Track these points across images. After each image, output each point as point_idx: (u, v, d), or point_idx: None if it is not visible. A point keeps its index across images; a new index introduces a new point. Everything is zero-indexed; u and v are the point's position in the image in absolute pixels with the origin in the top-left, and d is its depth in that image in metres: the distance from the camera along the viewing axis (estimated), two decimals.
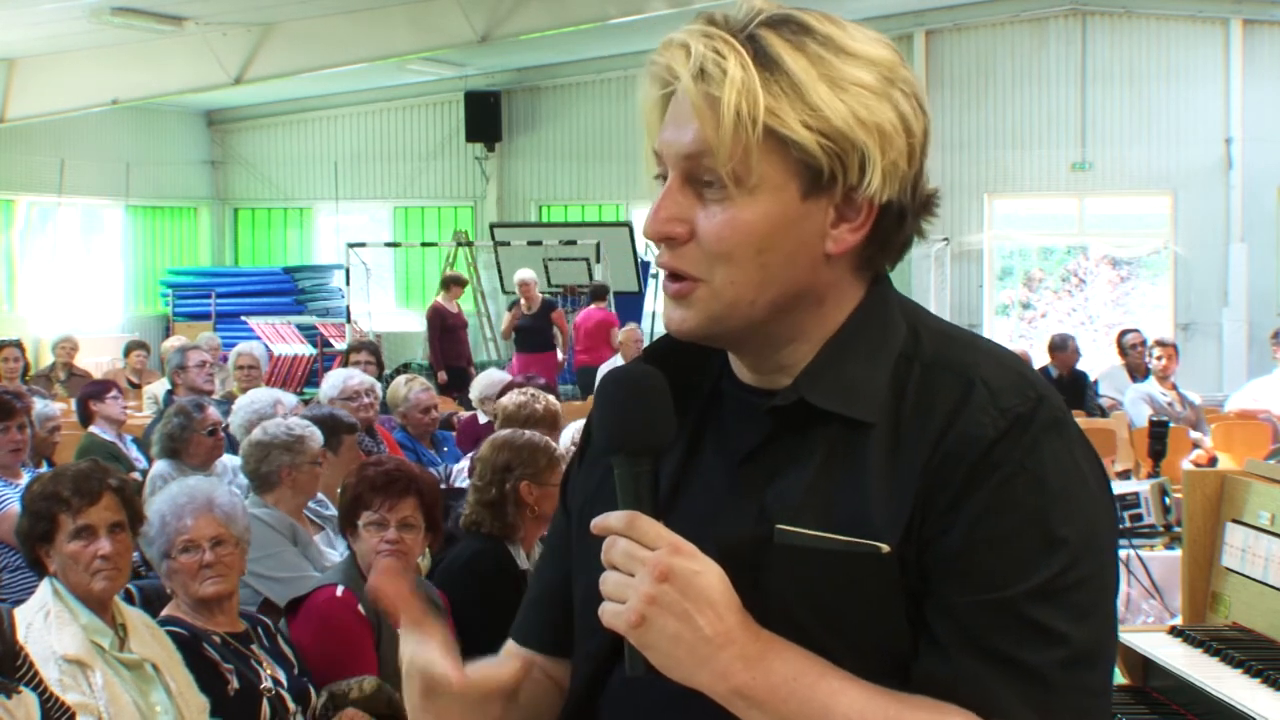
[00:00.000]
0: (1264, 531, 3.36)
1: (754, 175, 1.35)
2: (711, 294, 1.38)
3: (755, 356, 1.45)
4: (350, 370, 7.90)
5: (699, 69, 1.34)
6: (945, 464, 1.33)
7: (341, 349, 14.09)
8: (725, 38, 1.35)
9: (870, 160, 1.35)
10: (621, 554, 1.32)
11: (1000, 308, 18.54)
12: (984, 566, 1.31)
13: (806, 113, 1.33)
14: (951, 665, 1.31)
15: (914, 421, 1.36)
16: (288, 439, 5.01)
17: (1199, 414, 9.96)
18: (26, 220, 18.00)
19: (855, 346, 1.41)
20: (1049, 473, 1.33)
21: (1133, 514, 5.76)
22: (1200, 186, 17.20)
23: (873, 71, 1.36)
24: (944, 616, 1.32)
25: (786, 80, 1.34)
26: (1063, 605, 1.31)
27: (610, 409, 1.41)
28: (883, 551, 1.33)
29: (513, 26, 14.89)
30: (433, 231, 19.53)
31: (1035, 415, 1.35)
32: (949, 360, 1.39)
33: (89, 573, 3.51)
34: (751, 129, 1.33)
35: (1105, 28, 17.54)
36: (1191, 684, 3.14)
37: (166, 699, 3.49)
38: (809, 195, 1.36)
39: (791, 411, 1.39)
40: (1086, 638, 1.32)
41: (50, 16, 13.76)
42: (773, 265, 1.37)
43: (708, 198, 1.37)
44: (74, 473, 3.67)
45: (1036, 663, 1.30)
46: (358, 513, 4.14)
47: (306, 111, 20.30)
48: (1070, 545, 1.32)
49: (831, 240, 1.38)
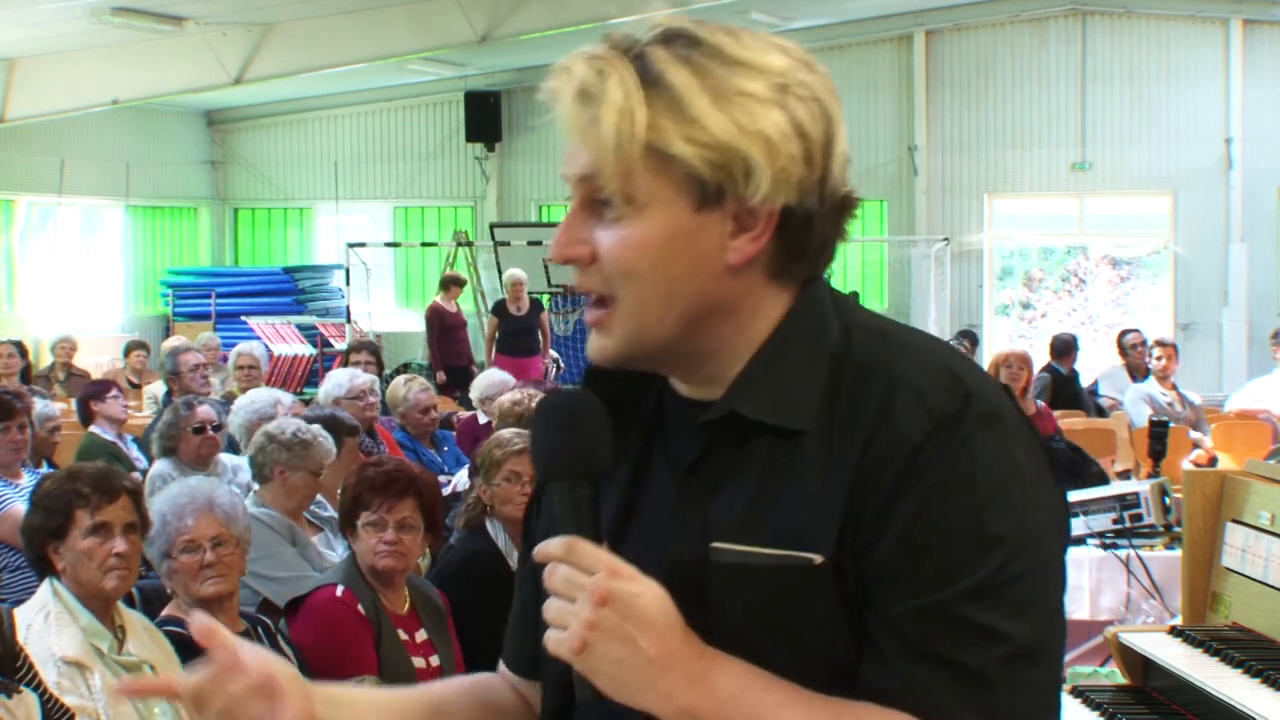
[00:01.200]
0: (1264, 531, 3.36)
1: (642, 193, 1.35)
2: (623, 315, 1.39)
3: (683, 373, 1.45)
4: (354, 370, 7.90)
5: (579, 91, 1.36)
6: (874, 469, 1.33)
7: (341, 349, 14.10)
8: (609, 58, 1.36)
9: (756, 169, 1.34)
10: (561, 580, 1.33)
11: (1000, 308, 18.54)
12: (918, 571, 1.31)
13: (687, 127, 1.34)
14: (893, 672, 1.31)
15: (845, 427, 1.35)
16: (289, 439, 5.00)
17: (1199, 414, 9.96)
18: (26, 220, 18.00)
19: (786, 353, 1.40)
20: (979, 470, 1.32)
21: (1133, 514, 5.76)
22: (1200, 186, 17.19)
23: (761, 79, 1.36)
24: (882, 624, 1.32)
25: (668, 95, 1.34)
26: (1000, 603, 1.30)
27: (545, 436, 1.41)
28: (815, 563, 1.33)
29: (513, 26, 14.89)
30: (433, 231, 19.53)
31: (963, 413, 1.33)
32: (878, 361, 1.38)
33: (102, 570, 3.52)
34: (632, 146, 1.34)
35: (1105, 28, 17.54)
36: (1191, 684, 3.14)
37: (165, 701, 3.49)
38: (701, 208, 1.36)
39: (725, 424, 1.39)
40: (1027, 634, 1.31)
41: (50, 16, 13.76)
42: (675, 280, 1.37)
43: (605, 218, 1.38)
44: (92, 471, 3.69)
45: (977, 663, 1.29)
46: (357, 513, 4.15)
47: (306, 111, 20.30)
48: (1006, 542, 1.31)
49: (732, 251, 1.38)
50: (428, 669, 4.16)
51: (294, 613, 4.14)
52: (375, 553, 4.11)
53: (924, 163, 17.93)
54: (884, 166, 18.16)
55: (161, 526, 3.77)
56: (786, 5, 16.02)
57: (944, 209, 17.98)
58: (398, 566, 4.17)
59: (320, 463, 5.04)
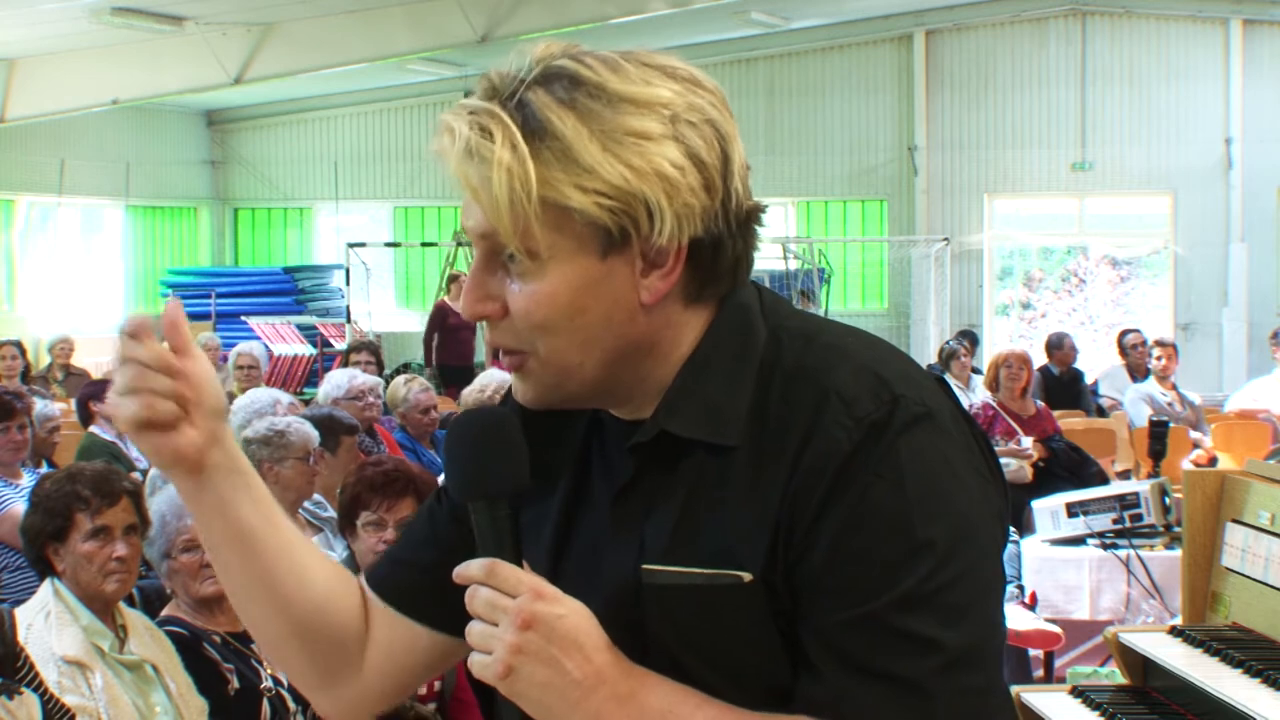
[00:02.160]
0: (1264, 531, 3.36)
1: (544, 247, 1.32)
2: (540, 364, 1.37)
3: (615, 403, 1.43)
4: (353, 370, 7.90)
5: (465, 150, 1.33)
6: (805, 483, 1.31)
7: (341, 349, 14.10)
8: (491, 111, 1.32)
9: (657, 209, 1.31)
10: (484, 603, 1.31)
11: (1000, 308, 18.54)
12: (848, 582, 1.29)
13: (580, 176, 1.30)
14: (827, 685, 1.29)
15: (775, 441, 1.33)
16: (267, 434, 5.00)
17: (1199, 414, 9.96)
18: (26, 220, 18.00)
19: (708, 369, 1.38)
20: (907, 475, 1.30)
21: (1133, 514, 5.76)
22: (1200, 186, 17.20)
23: (650, 115, 1.32)
24: (815, 637, 1.30)
25: (557, 145, 1.30)
26: (932, 610, 1.28)
27: (460, 455, 1.39)
28: (744, 580, 1.32)
29: (513, 26, 14.89)
30: (433, 231, 19.52)
31: (891, 419, 1.31)
32: (806, 369, 1.35)
33: (102, 574, 3.51)
34: (527, 203, 1.31)
35: (1105, 28, 17.54)
36: (1191, 684, 3.14)
37: (166, 700, 3.49)
38: (607, 254, 1.33)
39: (655, 444, 1.37)
40: (962, 640, 1.29)
41: (50, 16, 13.76)
42: (590, 327, 1.35)
43: (512, 271, 1.36)
44: (92, 473, 3.67)
45: (912, 673, 1.27)
46: (356, 512, 4.15)
47: (306, 111, 20.30)
48: (937, 546, 1.29)
49: (645, 290, 1.35)
50: None
51: None
52: (375, 552, 4.11)
53: (924, 163, 17.93)
54: (884, 166, 18.17)
55: (161, 527, 3.77)
56: (786, 5, 16.03)
57: (944, 209, 17.99)
58: None
59: (304, 448, 5.02)
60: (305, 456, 5.03)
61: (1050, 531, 5.95)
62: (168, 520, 3.78)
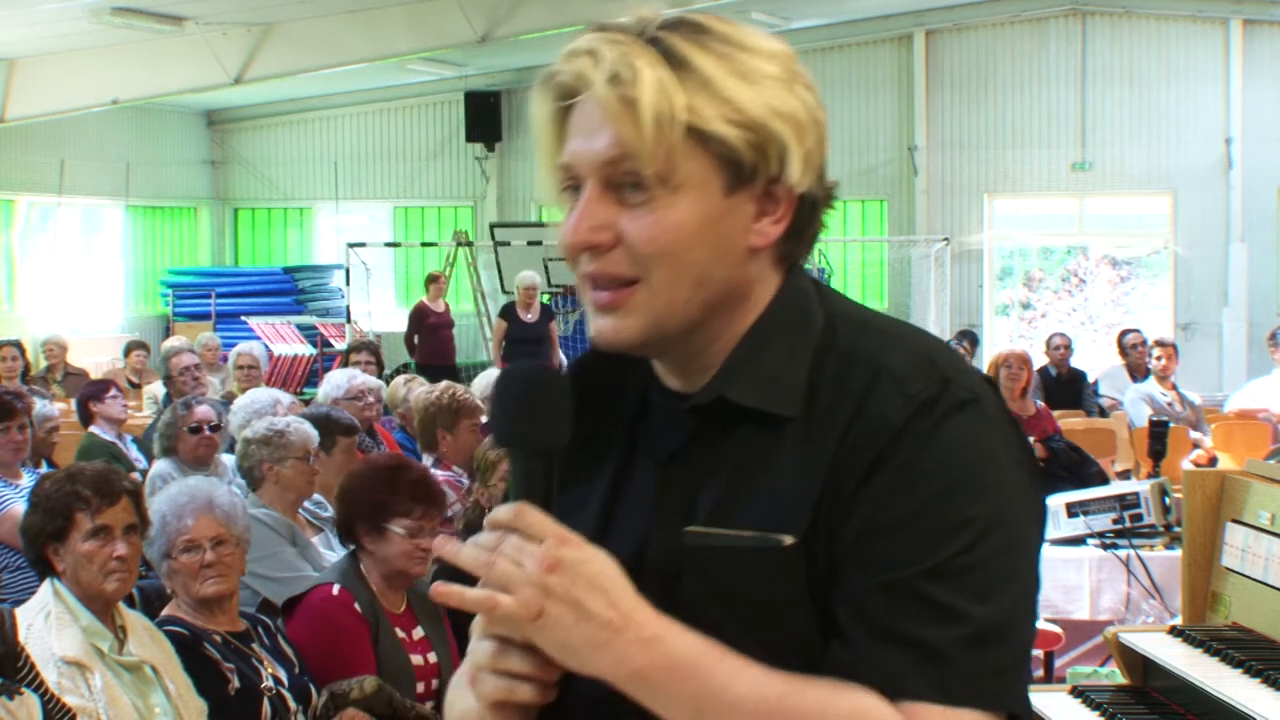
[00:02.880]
0: (1264, 531, 3.36)
1: (678, 174, 1.34)
2: (650, 295, 1.37)
3: (683, 361, 1.43)
4: (353, 370, 7.90)
5: (612, 73, 1.34)
6: (852, 454, 1.33)
7: (341, 349, 14.11)
8: (631, 41, 1.35)
9: (789, 150, 1.36)
10: (511, 547, 1.33)
11: (1000, 308, 18.54)
12: (885, 550, 1.30)
13: (724, 107, 1.34)
14: (855, 649, 1.30)
15: (827, 414, 1.35)
16: (267, 434, 5.00)
17: (1199, 414, 9.96)
18: (26, 220, 18.00)
19: (773, 339, 1.41)
20: (953, 453, 1.32)
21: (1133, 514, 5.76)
22: (1200, 186, 17.20)
23: (776, 64, 1.37)
24: (848, 602, 1.31)
25: (698, 77, 1.34)
26: (964, 584, 1.29)
27: (506, 404, 1.40)
28: (785, 544, 1.33)
29: (513, 26, 14.89)
30: (433, 231, 19.53)
31: (940, 398, 1.33)
32: (860, 351, 1.38)
33: (103, 574, 3.51)
34: (671, 126, 1.33)
35: (1105, 28, 17.54)
36: (1191, 684, 3.14)
37: (166, 701, 3.49)
38: (732, 190, 1.36)
39: (712, 411, 1.39)
40: (990, 616, 1.29)
41: (50, 16, 13.76)
42: (704, 262, 1.37)
43: (630, 202, 1.36)
44: (92, 473, 3.67)
45: (937, 641, 1.28)
46: (389, 517, 4.12)
47: (306, 111, 20.30)
48: (974, 524, 1.30)
49: (755, 234, 1.38)
50: (425, 666, 4.16)
51: (291, 612, 4.14)
52: (411, 558, 4.12)
53: (924, 163, 17.93)
54: (884, 166, 18.17)
55: (161, 527, 3.77)
56: (786, 5, 16.02)
57: (944, 209, 17.98)
58: (423, 573, 4.20)
59: (304, 448, 5.02)
60: (305, 456, 5.03)
61: (1050, 531, 5.93)
62: (168, 520, 3.78)
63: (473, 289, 17.70)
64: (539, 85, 1.42)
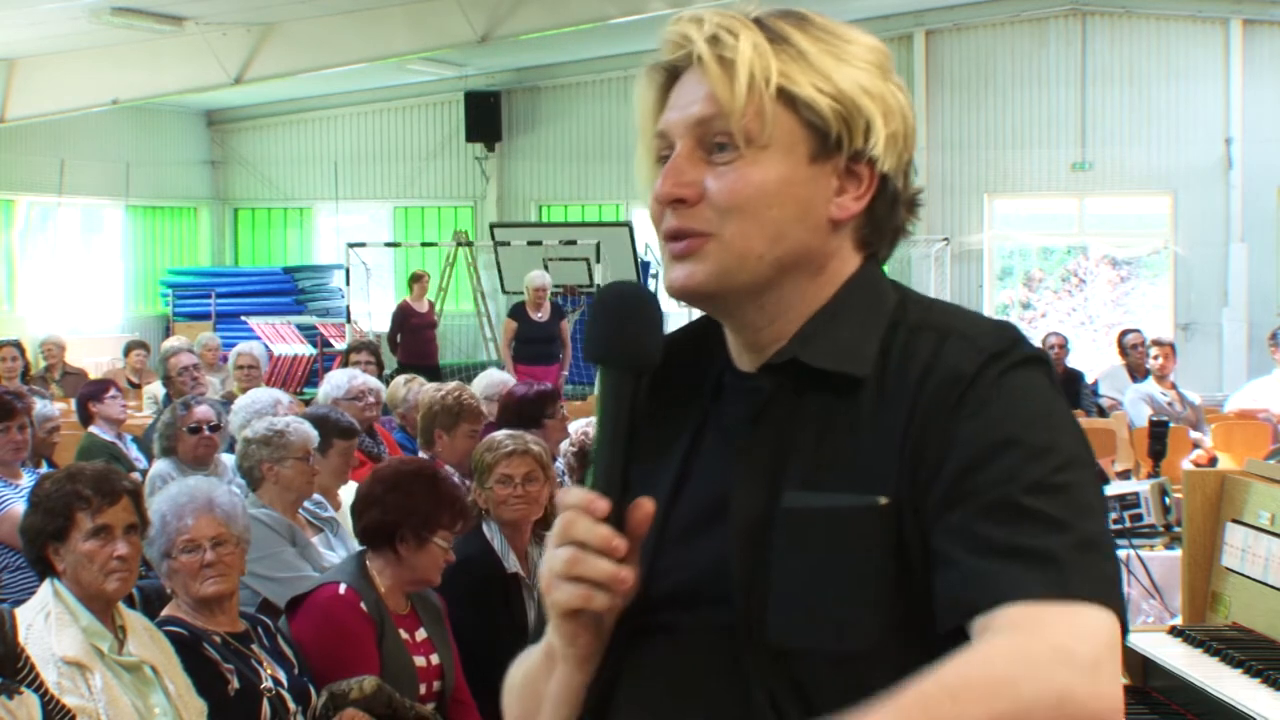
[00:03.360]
0: (1264, 531, 3.36)
1: (765, 134, 1.40)
2: (721, 246, 1.42)
3: (753, 331, 1.46)
4: (353, 370, 7.89)
5: (712, 36, 1.41)
6: (929, 408, 1.36)
7: (341, 349, 14.11)
8: (734, 14, 1.43)
9: (875, 127, 1.41)
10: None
11: (1000, 308, 18.54)
12: (979, 481, 1.32)
13: (816, 77, 1.40)
14: (963, 571, 1.30)
15: (899, 378, 1.39)
16: (265, 435, 5.00)
17: (1199, 414, 9.96)
18: (26, 220, 18.00)
19: (847, 312, 1.45)
20: (1029, 395, 1.36)
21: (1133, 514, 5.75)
22: (1200, 186, 17.20)
23: (872, 56, 1.44)
24: (949, 535, 1.32)
25: (794, 50, 1.41)
26: (1064, 500, 1.31)
27: (598, 323, 1.43)
28: (880, 504, 1.34)
29: (513, 26, 14.90)
30: (433, 231, 19.53)
31: (1011, 351, 1.38)
32: (931, 322, 1.43)
33: (104, 573, 3.51)
34: (765, 87, 1.39)
35: (1105, 28, 17.54)
36: (1191, 684, 3.14)
37: (165, 701, 3.49)
38: (816, 158, 1.42)
39: (785, 373, 1.42)
40: (1089, 528, 1.31)
41: (50, 16, 13.76)
42: (780, 222, 1.41)
43: (717, 161, 1.42)
44: (93, 472, 3.67)
45: (1049, 546, 1.29)
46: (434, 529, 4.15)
47: (306, 111, 20.30)
48: (1062, 450, 1.33)
49: (836, 206, 1.43)
50: (428, 668, 4.16)
51: (295, 610, 4.14)
52: (439, 569, 4.17)
53: (924, 163, 17.92)
54: None
55: (161, 526, 3.77)
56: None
57: (944, 209, 17.98)
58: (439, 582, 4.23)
59: (304, 448, 5.01)
60: (305, 456, 5.03)
61: None
62: (168, 520, 3.78)
63: (473, 289, 17.70)
64: (644, 70, 1.49)
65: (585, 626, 1.39)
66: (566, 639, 1.40)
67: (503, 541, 4.68)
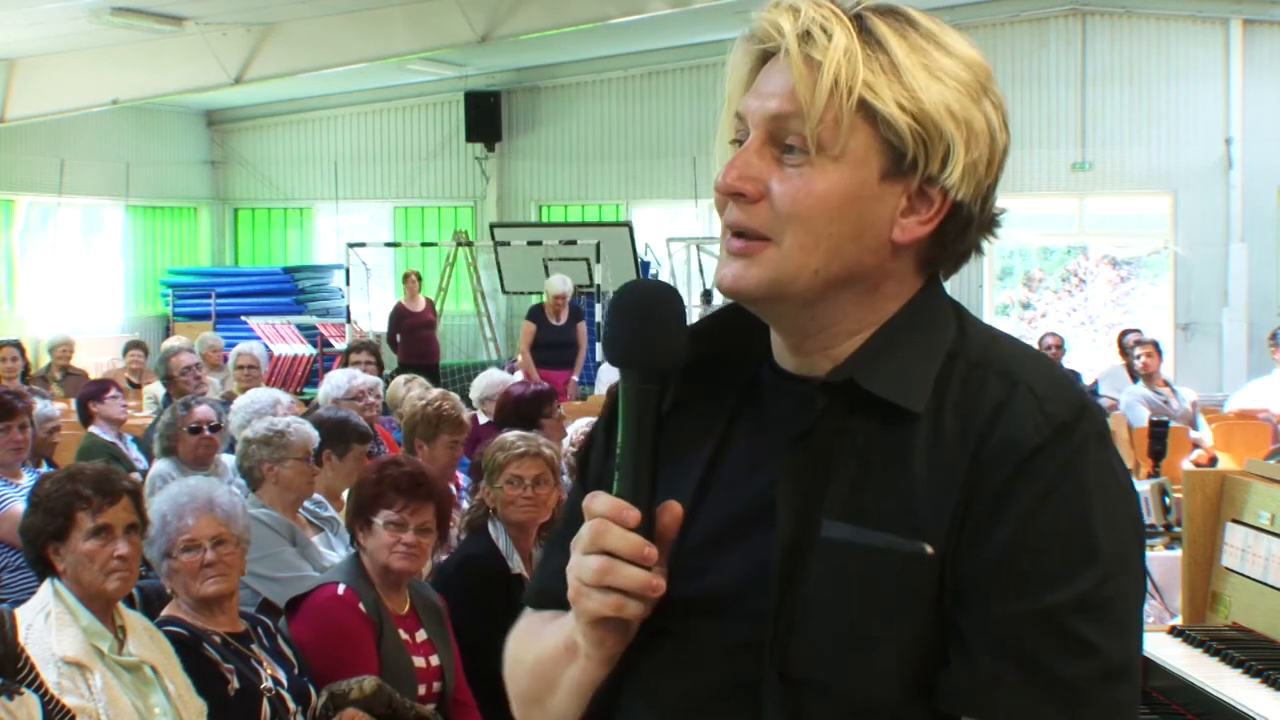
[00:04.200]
0: (1264, 531, 3.36)
1: (838, 144, 1.34)
2: (779, 256, 1.36)
3: (800, 335, 1.42)
4: (353, 370, 7.90)
5: (805, 31, 1.35)
6: (989, 467, 1.31)
7: (341, 349, 14.11)
8: (833, 9, 1.36)
9: (954, 154, 1.35)
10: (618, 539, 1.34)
11: (1000, 308, 18.54)
12: (1024, 574, 1.29)
13: (902, 93, 1.34)
14: (982, 673, 1.28)
15: (957, 420, 1.33)
16: (265, 435, 5.00)
17: (1194, 410, 9.98)
18: (26, 220, 17.99)
19: (907, 337, 1.39)
20: (1091, 483, 1.31)
21: None
22: (1200, 186, 17.19)
23: (970, 73, 1.38)
24: (977, 624, 1.29)
25: (886, 59, 1.34)
26: (1100, 618, 1.28)
27: (623, 321, 1.39)
28: (927, 553, 1.31)
29: (513, 26, 14.89)
30: (433, 231, 19.52)
31: (1079, 424, 1.33)
32: (995, 360, 1.37)
33: (104, 573, 3.51)
34: (846, 97, 1.33)
35: (1105, 28, 17.54)
36: (1191, 684, 3.14)
37: (165, 701, 3.49)
38: (887, 177, 1.36)
39: (840, 393, 1.37)
40: (1120, 652, 1.29)
41: (50, 16, 13.75)
42: (840, 238, 1.36)
43: (786, 162, 1.36)
44: (93, 472, 3.67)
45: (1073, 675, 1.27)
46: (375, 509, 4.14)
47: (306, 111, 20.29)
48: (1109, 558, 1.30)
49: (899, 228, 1.38)
50: (428, 668, 4.16)
51: (294, 611, 4.14)
52: (393, 552, 4.11)
53: None
54: None
55: (161, 526, 3.77)
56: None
57: None
58: (411, 569, 4.18)
59: (304, 448, 5.02)
60: (305, 456, 5.03)
61: None
62: (168, 520, 3.78)
63: (473, 289, 17.70)
64: (740, 36, 1.43)
65: (613, 631, 1.37)
66: (594, 643, 1.38)
67: (508, 542, 4.68)
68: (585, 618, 1.36)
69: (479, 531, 4.72)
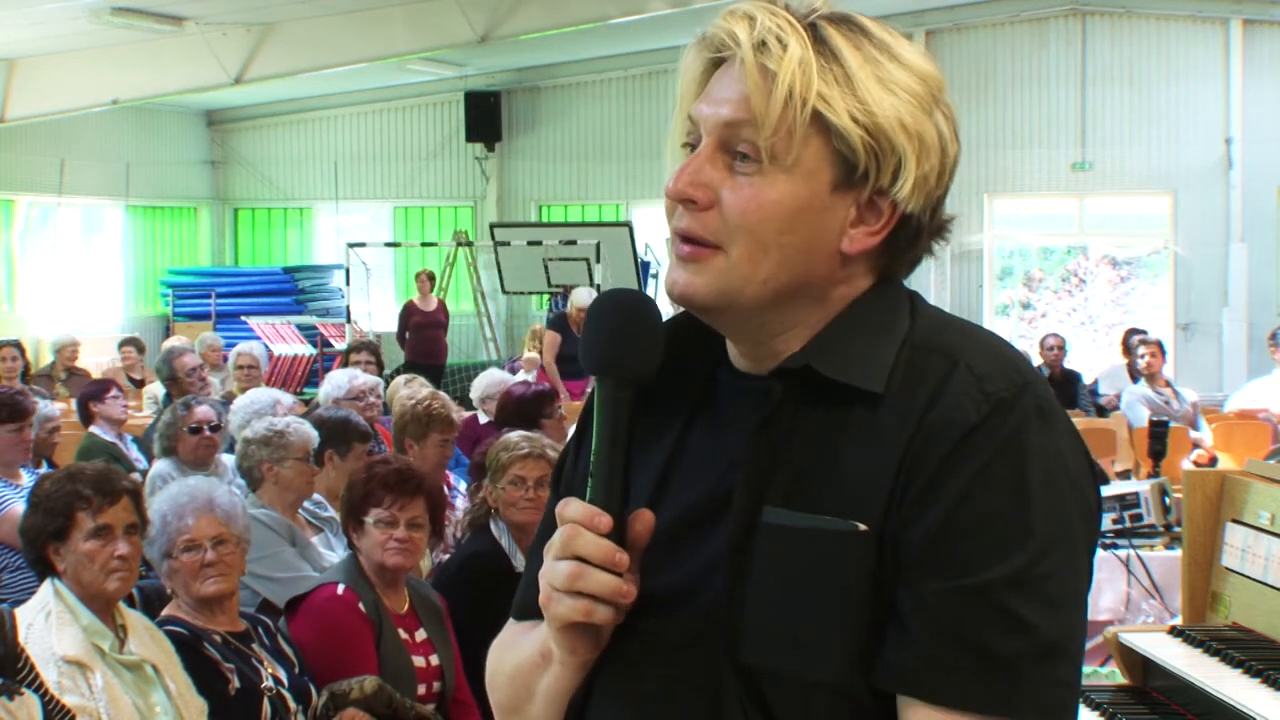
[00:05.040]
0: (1264, 531, 3.36)
1: (791, 155, 1.35)
2: (728, 265, 1.37)
3: (752, 342, 1.43)
4: (353, 370, 7.90)
5: (760, 40, 1.35)
6: (925, 446, 1.32)
7: (341, 349, 14.11)
8: (789, 18, 1.36)
9: (905, 167, 1.36)
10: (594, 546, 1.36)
11: (1000, 308, 18.54)
12: (958, 552, 1.29)
13: (855, 106, 1.34)
14: (917, 650, 1.29)
15: (900, 401, 1.35)
16: (265, 435, 5.01)
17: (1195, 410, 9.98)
18: (26, 220, 18.00)
19: (861, 325, 1.40)
20: (1029, 461, 1.31)
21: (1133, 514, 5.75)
22: (1200, 186, 17.19)
23: (922, 85, 1.38)
24: (914, 602, 1.30)
25: (840, 71, 1.35)
26: (1035, 596, 1.28)
27: (599, 329, 1.40)
28: (860, 530, 1.32)
29: (513, 26, 14.89)
30: (433, 231, 19.53)
31: (1019, 401, 1.33)
32: (938, 343, 1.38)
33: (104, 573, 3.51)
34: (801, 109, 1.33)
35: (1105, 28, 17.54)
36: (1191, 684, 3.14)
37: (166, 700, 3.49)
38: (838, 188, 1.37)
39: (793, 383, 1.38)
40: (1056, 630, 1.29)
41: (50, 16, 13.76)
42: (790, 248, 1.36)
43: (738, 170, 1.37)
44: (93, 472, 3.68)
45: (1008, 653, 1.27)
46: (366, 509, 4.15)
47: (306, 111, 20.30)
48: (1043, 535, 1.30)
49: (848, 239, 1.38)
50: (427, 668, 4.16)
51: (294, 611, 4.14)
52: (385, 549, 4.12)
53: None
54: None
55: (161, 526, 3.77)
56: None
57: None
58: (405, 564, 4.18)
59: (304, 448, 5.02)
60: (305, 457, 5.04)
61: None
62: (168, 520, 3.78)
63: (473, 289, 17.71)
64: (694, 40, 1.43)
65: (585, 638, 1.38)
66: (566, 650, 1.39)
67: (510, 541, 4.68)
68: (556, 623, 1.37)
69: (482, 530, 4.73)
